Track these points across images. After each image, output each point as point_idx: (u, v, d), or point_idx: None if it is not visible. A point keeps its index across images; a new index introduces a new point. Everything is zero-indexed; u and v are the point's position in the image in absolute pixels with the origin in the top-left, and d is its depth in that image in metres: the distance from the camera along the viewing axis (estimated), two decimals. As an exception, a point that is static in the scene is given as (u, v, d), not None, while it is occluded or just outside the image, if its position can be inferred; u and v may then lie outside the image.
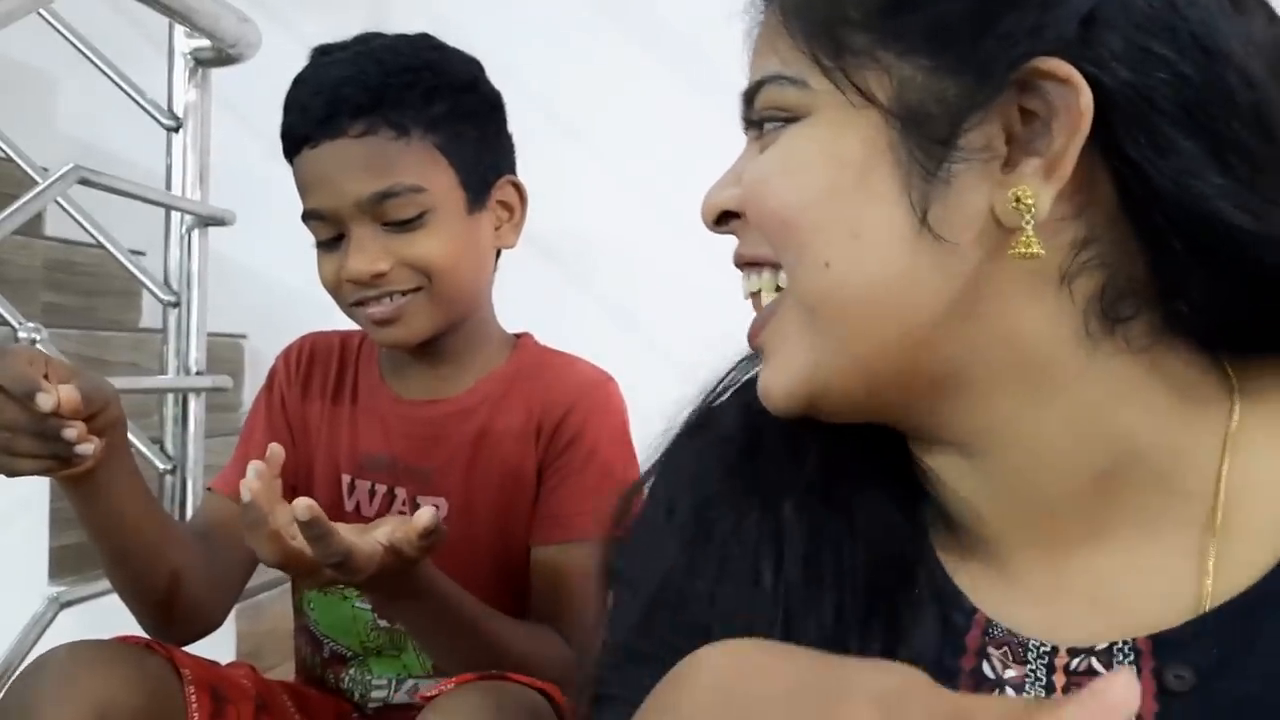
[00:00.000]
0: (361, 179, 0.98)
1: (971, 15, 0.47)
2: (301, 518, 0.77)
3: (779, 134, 0.53)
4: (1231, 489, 0.49)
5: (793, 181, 0.51)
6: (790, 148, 0.52)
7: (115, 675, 0.84)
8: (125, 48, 1.90)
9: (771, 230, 0.52)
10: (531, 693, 0.82)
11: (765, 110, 0.54)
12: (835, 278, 0.50)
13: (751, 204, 0.53)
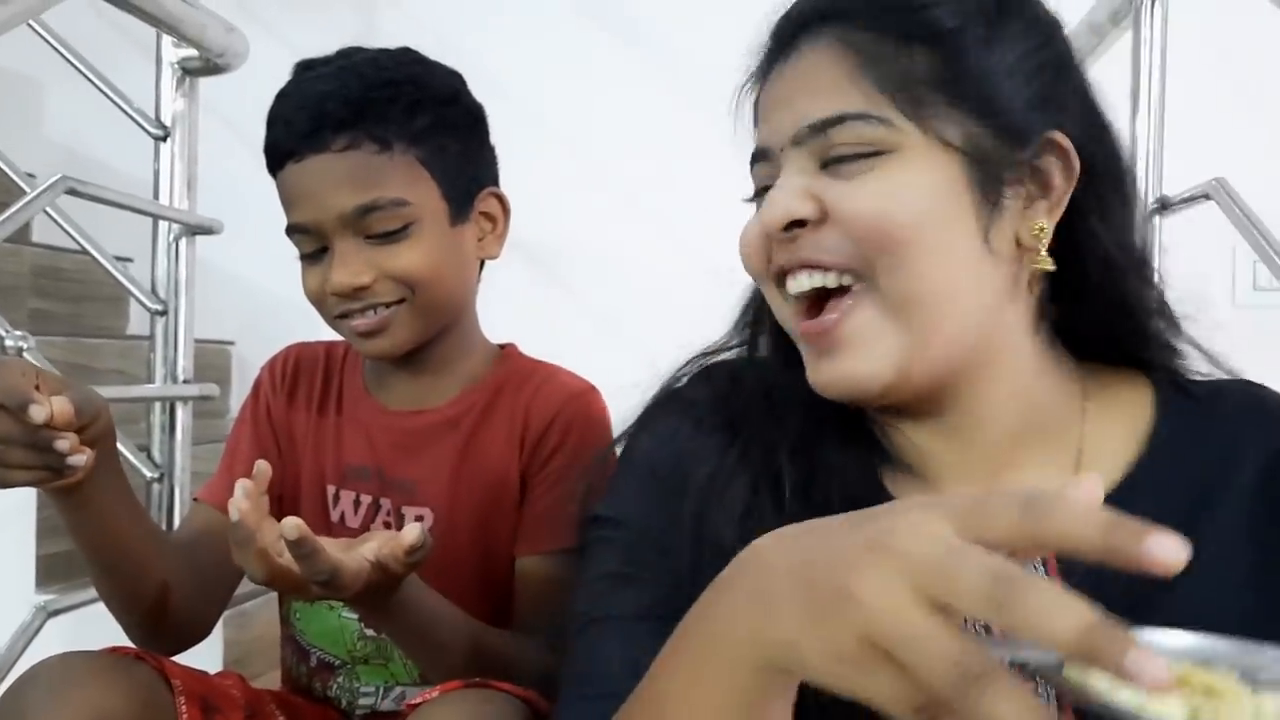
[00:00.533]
0: (345, 193, 0.99)
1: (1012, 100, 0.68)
2: (290, 537, 0.78)
3: (871, 164, 0.67)
4: (1086, 441, 0.70)
5: (899, 206, 0.66)
6: (891, 179, 0.66)
7: (107, 686, 0.85)
8: (113, 57, 1.91)
9: (875, 244, 0.66)
10: (514, 700, 0.83)
11: (846, 142, 0.67)
12: (928, 284, 0.66)
13: (874, 226, 0.66)
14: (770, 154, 0.71)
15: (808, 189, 0.67)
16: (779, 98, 0.71)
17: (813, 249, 0.67)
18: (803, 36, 0.71)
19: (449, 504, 1.05)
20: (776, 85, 0.72)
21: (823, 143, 0.68)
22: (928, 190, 0.66)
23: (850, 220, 0.66)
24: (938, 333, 0.66)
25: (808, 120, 0.68)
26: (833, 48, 0.69)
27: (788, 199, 0.67)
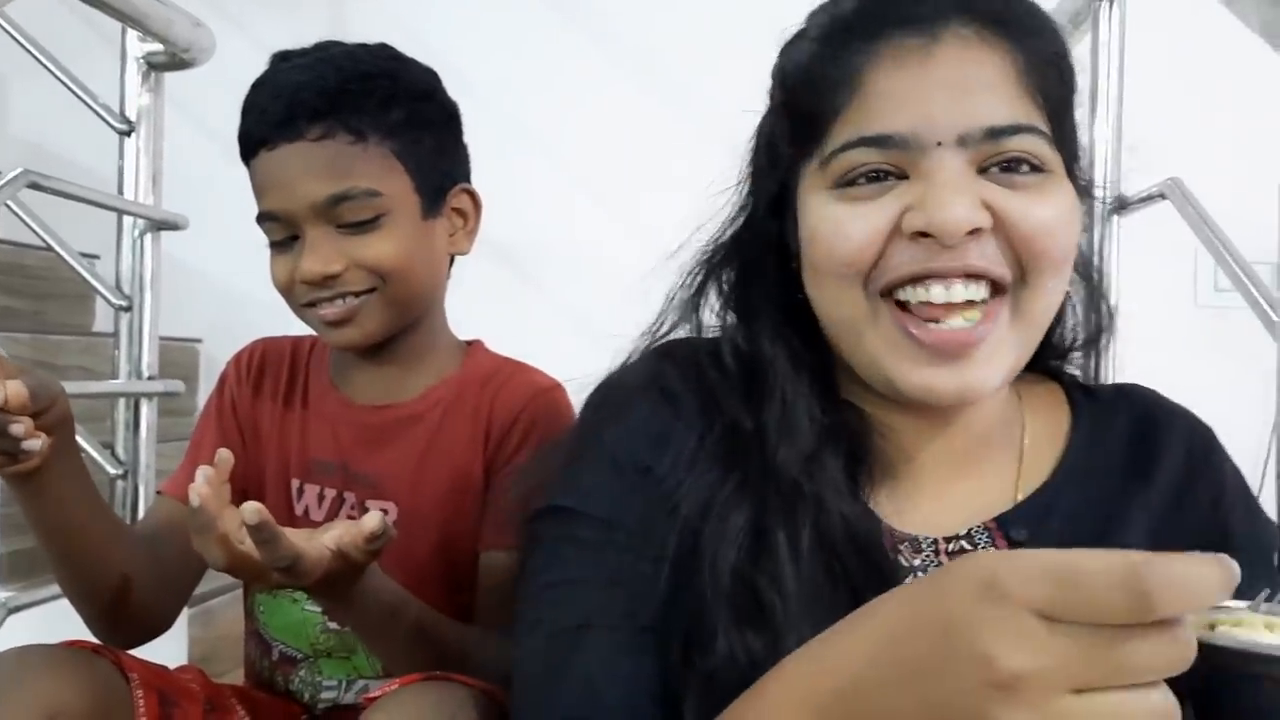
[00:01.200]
0: (317, 181, 0.99)
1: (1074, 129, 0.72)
2: (250, 521, 0.78)
3: (1039, 181, 0.67)
4: (1026, 442, 0.77)
5: (1064, 226, 0.68)
6: (1054, 199, 0.68)
7: (63, 679, 0.84)
8: (77, 50, 1.89)
9: (1038, 260, 0.67)
10: (474, 692, 0.83)
11: (1019, 151, 0.66)
12: (1052, 303, 0.70)
13: (1042, 242, 0.66)
14: (907, 143, 0.66)
15: (980, 197, 0.65)
16: (934, 82, 0.66)
17: (980, 257, 0.66)
18: (942, 21, 0.67)
19: (412, 499, 1.05)
20: (920, 68, 0.66)
21: (993, 148, 0.66)
22: (1073, 214, 0.69)
23: (1027, 234, 0.66)
24: (1033, 347, 0.71)
25: (986, 123, 0.65)
26: (990, 46, 0.67)
27: (968, 207, 0.64)
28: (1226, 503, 0.75)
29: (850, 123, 0.68)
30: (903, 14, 0.67)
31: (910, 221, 0.66)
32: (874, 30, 0.68)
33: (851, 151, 0.67)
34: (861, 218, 0.67)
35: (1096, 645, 0.40)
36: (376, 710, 0.80)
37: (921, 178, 0.66)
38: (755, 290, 0.77)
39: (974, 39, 0.67)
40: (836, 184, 0.69)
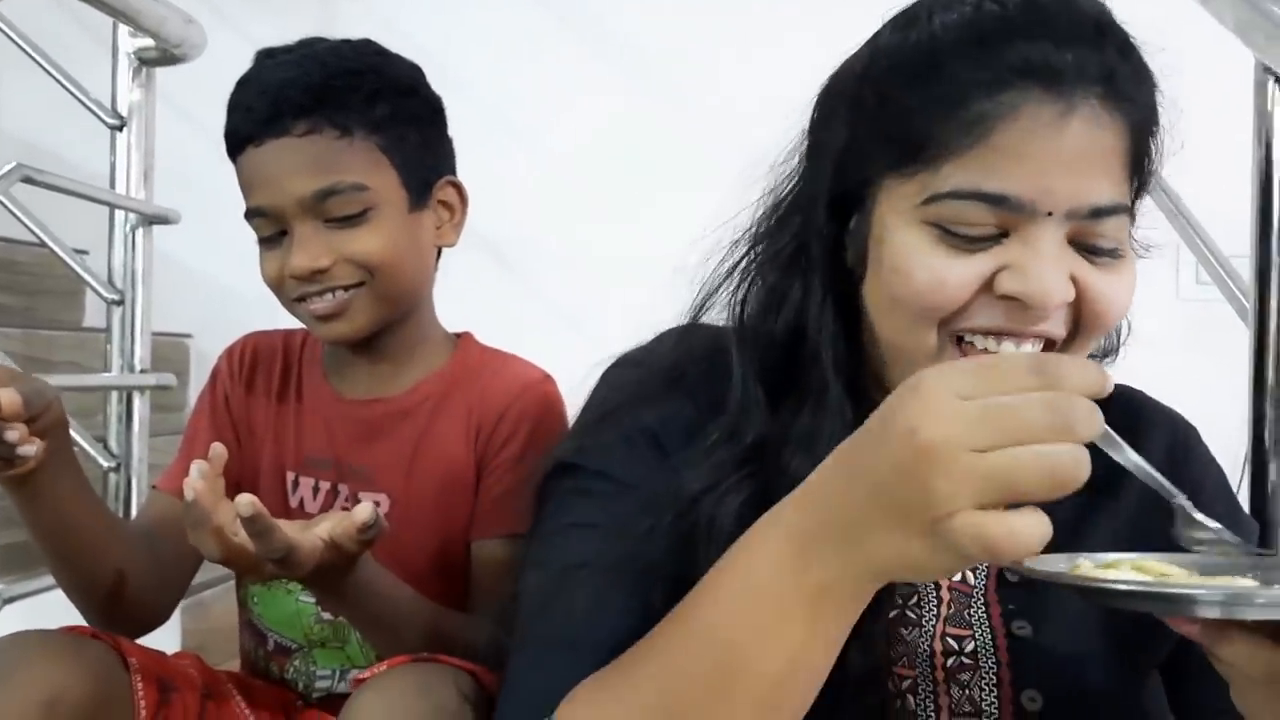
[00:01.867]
0: (304, 177, 1.00)
1: None
2: (244, 514, 0.79)
3: (1119, 263, 0.70)
4: None
5: (1130, 298, 0.72)
6: (1130, 274, 0.71)
7: (62, 664, 0.86)
8: (67, 46, 1.90)
9: (1104, 326, 0.71)
10: (460, 673, 0.85)
11: (1110, 233, 0.69)
12: None
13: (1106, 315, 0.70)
14: (1022, 208, 0.66)
15: (1069, 271, 0.68)
16: (1062, 157, 0.66)
17: (1055, 325, 0.69)
18: (1081, 91, 0.66)
19: (405, 490, 1.07)
20: (1053, 140, 0.66)
21: (1091, 226, 0.68)
22: (1134, 283, 0.71)
23: (1099, 309, 0.69)
24: None
25: (1093, 203, 0.67)
26: (1115, 122, 0.68)
27: (1064, 283, 0.67)
28: (1204, 501, 0.77)
29: (968, 170, 0.67)
30: (1046, 65, 0.66)
31: (1006, 285, 0.67)
32: (1013, 78, 0.66)
33: (965, 202, 0.67)
34: (959, 268, 0.68)
35: (999, 409, 0.49)
36: (364, 691, 0.82)
37: (1023, 242, 0.67)
38: (804, 281, 0.75)
39: (1103, 114, 0.67)
40: (937, 228, 0.68)
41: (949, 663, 0.74)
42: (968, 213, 0.67)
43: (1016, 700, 0.73)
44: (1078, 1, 0.69)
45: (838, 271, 0.75)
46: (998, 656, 0.74)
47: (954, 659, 0.74)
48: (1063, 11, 0.68)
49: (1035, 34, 0.67)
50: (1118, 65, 0.68)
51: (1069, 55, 0.66)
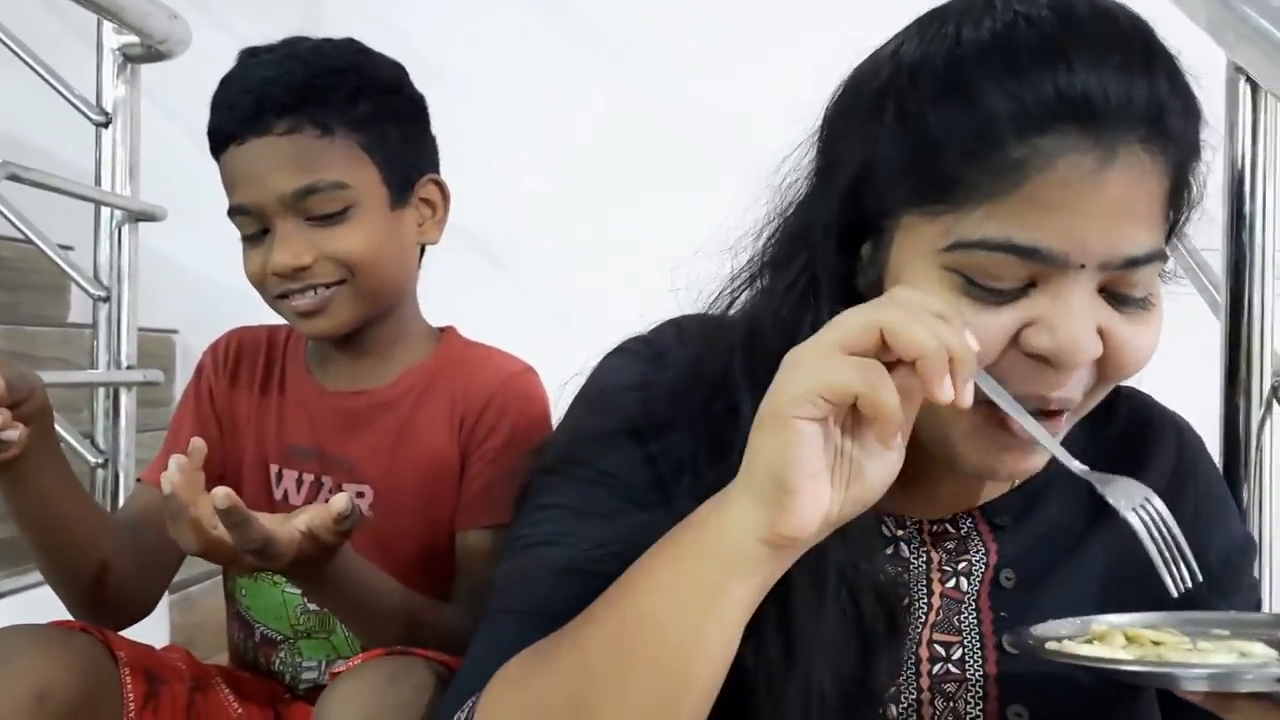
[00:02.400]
0: (286, 175, 1.01)
1: None
2: (220, 506, 0.80)
3: (1148, 312, 0.66)
4: None
5: (1156, 345, 0.67)
6: (1158, 321, 0.67)
7: (52, 657, 0.87)
8: (51, 43, 1.90)
9: (1128, 375, 0.68)
10: (433, 665, 0.86)
11: (1142, 282, 0.65)
12: None
13: (1132, 367, 0.67)
14: (1054, 260, 0.62)
15: (1097, 323, 0.64)
16: (1099, 209, 0.62)
17: (1075, 389, 0.66)
18: (1122, 135, 0.62)
19: (388, 482, 1.08)
20: (1090, 191, 0.62)
21: (1123, 276, 0.64)
22: (1160, 329, 0.67)
23: (1125, 360, 0.66)
24: None
25: (1127, 254, 0.63)
26: (1154, 166, 0.63)
27: (1092, 339, 0.63)
28: (1206, 513, 0.78)
29: (999, 219, 0.63)
30: (1088, 103, 0.61)
31: (1034, 342, 0.64)
32: (1050, 120, 0.61)
33: (995, 254, 0.63)
34: (985, 324, 0.64)
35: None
36: (337, 684, 0.84)
37: (1051, 295, 0.63)
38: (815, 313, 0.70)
39: (1146, 157, 0.63)
40: (960, 272, 0.64)
41: (935, 670, 0.74)
42: (996, 265, 0.63)
43: (1002, 715, 0.73)
44: (1119, 15, 0.64)
45: (850, 298, 0.69)
46: (985, 669, 0.74)
47: (940, 666, 0.74)
48: (1104, 30, 0.63)
49: (1075, 61, 0.61)
50: (1167, 100, 0.63)
51: (1111, 89, 0.61)
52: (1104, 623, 0.62)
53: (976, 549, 0.77)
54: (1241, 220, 1.03)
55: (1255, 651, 0.59)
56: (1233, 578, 0.78)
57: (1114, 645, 0.60)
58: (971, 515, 0.77)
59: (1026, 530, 0.76)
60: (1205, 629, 0.63)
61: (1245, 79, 1.02)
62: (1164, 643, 0.60)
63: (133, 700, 0.92)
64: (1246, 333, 1.04)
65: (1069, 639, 0.60)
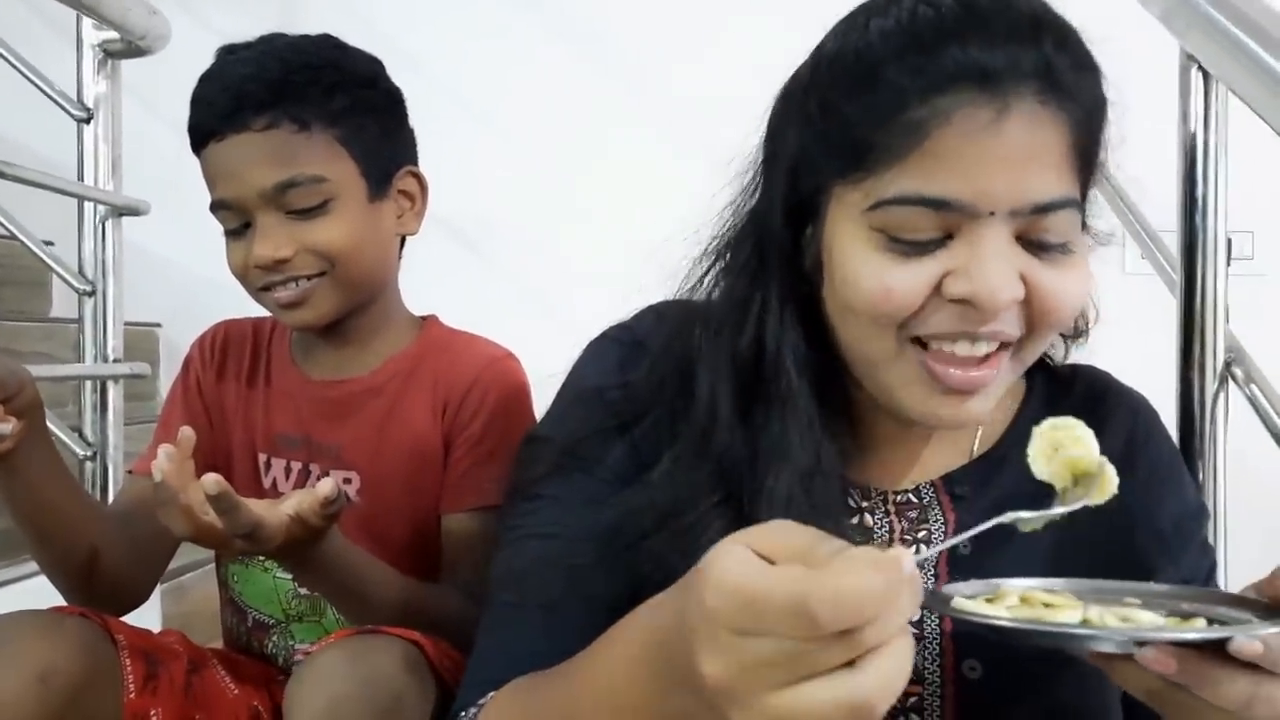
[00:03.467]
0: (265, 170, 1.04)
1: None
2: (210, 492, 0.83)
3: (1068, 255, 0.70)
4: None
5: (1084, 293, 0.73)
6: (1082, 269, 0.71)
7: (53, 640, 0.89)
8: (29, 39, 1.91)
9: (1058, 322, 0.72)
10: (401, 642, 0.89)
11: (1057, 230, 0.69)
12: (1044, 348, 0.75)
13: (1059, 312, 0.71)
14: (963, 209, 0.67)
15: (1017, 269, 0.68)
16: (999, 157, 0.66)
17: (1007, 324, 0.70)
18: (1016, 90, 0.66)
19: (374, 467, 1.11)
20: (989, 141, 0.66)
21: (1037, 223, 0.68)
22: (1088, 279, 0.72)
23: (1050, 305, 0.70)
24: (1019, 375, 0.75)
25: (1037, 198, 0.67)
26: (1054, 118, 0.67)
27: (1010, 282, 0.68)
28: (1157, 485, 0.82)
29: (909, 176, 0.68)
30: (980, 67, 0.66)
31: (954, 289, 0.68)
32: (947, 82, 0.67)
33: (907, 208, 0.68)
34: (907, 275, 0.69)
35: (783, 653, 0.44)
36: (306, 664, 0.87)
37: (968, 244, 0.68)
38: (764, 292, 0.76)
39: (1042, 110, 0.67)
40: (883, 234, 0.69)
41: None
42: (911, 218, 0.68)
43: (958, 669, 0.77)
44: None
45: (798, 279, 0.76)
46: (941, 627, 0.77)
47: None
48: (997, 9, 0.68)
49: (969, 35, 0.67)
50: (1054, 58, 0.67)
51: (1002, 53, 0.66)
52: (1010, 585, 0.65)
53: (936, 518, 0.80)
54: (1194, 204, 1.07)
55: (1142, 619, 0.60)
56: (1181, 542, 0.82)
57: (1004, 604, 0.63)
58: (934, 485, 0.81)
59: (983, 499, 0.80)
60: (1119, 597, 0.64)
61: (1197, 67, 1.05)
62: (1054, 605, 0.62)
63: (132, 681, 0.94)
64: (1200, 311, 1.08)
65: (970, 598, 0.62)
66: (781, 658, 0.44)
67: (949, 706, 0.77)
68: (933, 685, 0.77)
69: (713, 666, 0.46)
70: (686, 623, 0.48)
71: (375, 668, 0.85)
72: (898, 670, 0.44)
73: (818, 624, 0.43)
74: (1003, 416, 0.84)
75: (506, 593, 0.77)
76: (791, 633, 0.44)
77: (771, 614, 0.44)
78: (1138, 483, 0.79)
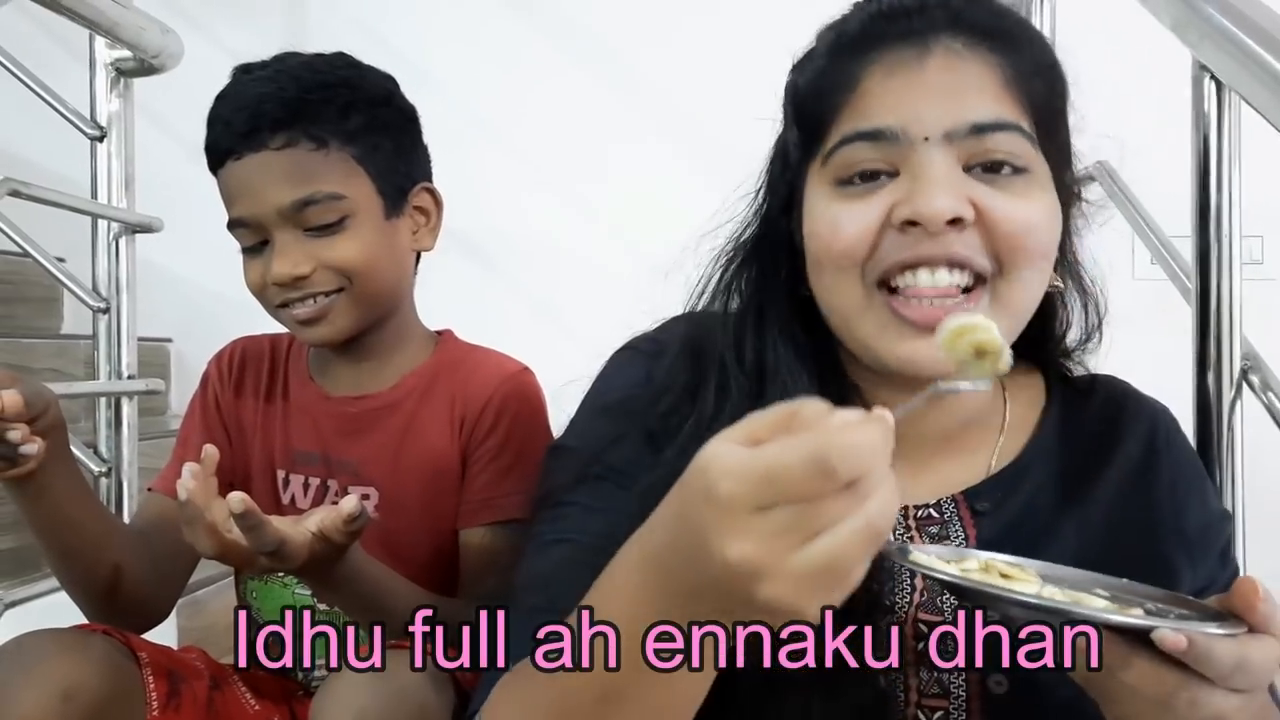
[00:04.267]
0: (283, 188, 1.04)
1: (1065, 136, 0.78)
2: (235, 510, 0.84)
3: (1020, 179, 0.73)
4: (1008, 423, 0.84)
5: (1042, 223, 0.74)
6: (1034, 197, 0.73)
7: (77, 659, 0.90)
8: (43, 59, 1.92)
9: (1016, 254, 0.72)
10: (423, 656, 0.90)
11: (1003, 150, 0.72)
12: (1032, 296, 0.75)
13: (1020, 239, 0.72)
14: (897, 137, 0.72)
15: (965, 194, 0.71)
16: (924, 86, 0.72)
17: (964, 246, 0.71)
18: (934, 35, 0.73)
19: (392, 483, 1.11)
20: (912, 74, 0.72)
21: (978, 145, 0.72)
22: (1053, 214, 0.74)
23: (1007, 230, 0.72)
24: (1011, 336, 0.74)
25: (972, 119, 0.71)
26: (978, 57, 0.73)
27: (953, 199, 0.70)
28: (1182, 489, 0.82)
29: (849, 120, 0.74)
30: (899, 29, 0.74)
31: (899, 212, 0.71)
32: (873, 44, 0.74)
33: (847, 147, 0.73)
34: (856, 212, 0.73)
35: (800, 515, 0.48)
36: (332, 680, 0.88)
37: (910, 173, 0.72)
38: (767, 287, 0.82)
39: (963, 50, 0.73)
40: (835, 182, 0.75)
41: (919, 646, 0.77)
42: (853, 156, 0.73)
43: (984, 684, 0.77)
44: None
45: (798, 279, 0.80)
46: (969, 643, 0.76)
47: (923, 643, 0.77)
48: None
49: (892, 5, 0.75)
50: (964, 7, 0.74)
51: (918, 8, 0.74)
52: (977, 555, 0.67)
53: (956, 534, 0.80)
54: (1208, 212, 1.07)
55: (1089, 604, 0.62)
56: (1204, 547, 0.81)
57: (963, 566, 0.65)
58: (955, 500, 0.81)
59: (1004, 512, 0.80)
60: (1088, 588, 0.66)
61: (1210, 76, 1.05)
62: (1010, 576, 0.64)
63: (155, 699, 0.95)
64: (1216, 319, 1.08)
65: (937, 558, 0.65)
66: (799, 520, 0.48)
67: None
68: (958, 700, 0.77)
69: (737, 550, 0.48)
70: (691, 526, 0.50)
71: (401, 682, 0.86)
72: (893, 498, 0.50)
73: (836, 476, 0.47)
74: (1022, 430, 0.84)
75: (532, 596, 0.77)
76: (810, 491, 0.48)
77: (791, 478, 0.48)
78: (1161, 488, 0.80)
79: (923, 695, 0.77)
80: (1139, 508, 0.80)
